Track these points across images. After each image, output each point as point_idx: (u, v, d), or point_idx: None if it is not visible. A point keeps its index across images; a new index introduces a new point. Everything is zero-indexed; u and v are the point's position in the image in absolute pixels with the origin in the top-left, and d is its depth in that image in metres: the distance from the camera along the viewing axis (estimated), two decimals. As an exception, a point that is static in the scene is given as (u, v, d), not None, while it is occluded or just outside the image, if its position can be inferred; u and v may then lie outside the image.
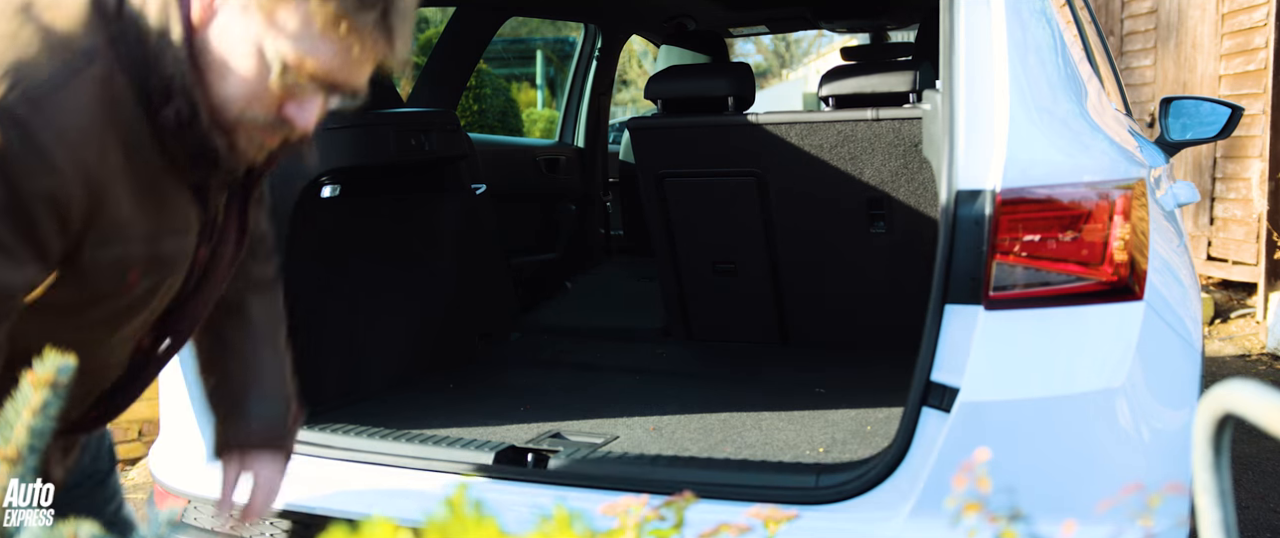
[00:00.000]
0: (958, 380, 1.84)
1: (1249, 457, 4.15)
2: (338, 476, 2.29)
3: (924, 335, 1.90)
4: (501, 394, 2.96)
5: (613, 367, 3.39)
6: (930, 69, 2.97)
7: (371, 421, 2.52)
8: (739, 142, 3.23)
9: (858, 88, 3.07)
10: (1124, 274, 1.87)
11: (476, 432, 2.54)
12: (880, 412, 2.67)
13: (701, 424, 2.63)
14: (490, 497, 1.95)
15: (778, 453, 2.31)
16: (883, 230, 3.18)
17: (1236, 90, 6.94)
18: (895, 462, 1.91)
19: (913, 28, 4.94)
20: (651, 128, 3.32)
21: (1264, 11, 6.64)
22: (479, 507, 0.78)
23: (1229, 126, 3.27)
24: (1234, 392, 0.76)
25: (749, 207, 3.30)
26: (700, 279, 3.52)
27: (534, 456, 2.25)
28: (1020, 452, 1.84)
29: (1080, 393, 1.85)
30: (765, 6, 4.70)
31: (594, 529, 0.82)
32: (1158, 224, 2.11)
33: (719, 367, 3.39)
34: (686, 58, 4.12)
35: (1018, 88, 1.92)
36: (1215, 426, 0.78)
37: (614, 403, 2.85)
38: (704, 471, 2.13)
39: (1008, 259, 1.85)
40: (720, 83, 3.24)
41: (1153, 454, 1.91)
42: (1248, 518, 3.57)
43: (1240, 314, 6.86)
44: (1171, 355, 1.99)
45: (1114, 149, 1.99)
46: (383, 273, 3.13)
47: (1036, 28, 2.04)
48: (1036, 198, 1.86)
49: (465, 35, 4.02)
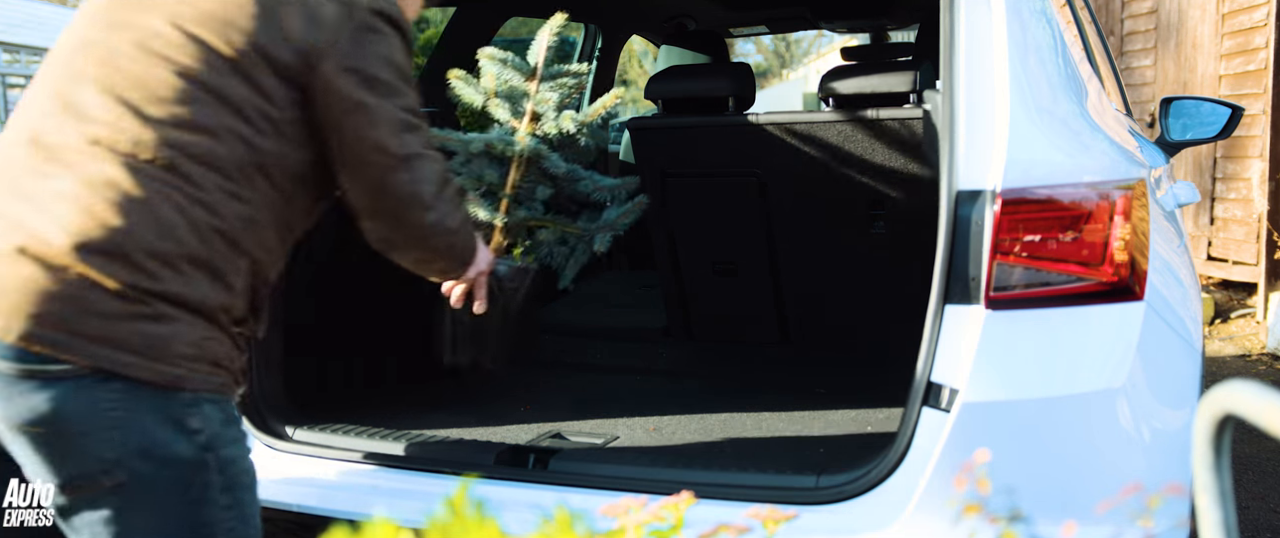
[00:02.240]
0: (958, 381, 1.84)
1: (1249, 457, 4.15)
2: (338, 476, 2.30)
3: (924, 336, 1.90)
4: (502, 395, 2.97)
5: (613, 367, 3.39)
6: (931, 69, 2.97)
7: (371, 421, 2.52)
8: (739, 142, 3.23)
9: (858, 88, 3.06)
10: (1124, 274, 1.87)
11: (477, 432, 2.54)
12: (880, 412, 2.67)
13: (701, 424, 2.63)
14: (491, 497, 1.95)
15: (778, 454, 2.31)
16: (883, 230, 3.18)
17: (1237, 90, 6.94)
18: (895, 463, 1.91)
19: (913, 28, 4.94)
20: (652, 128, 3.32)
21: (1264, 11, 6.64)
22: (480, 507, 0.78)
23: (1229, 127, 3.28)
24: (1234, 392, 0.76)
25: (749, 207, 3.30)
26: (700, 279, 3.52)
27: (534, 456, 2.25)
28: (1020, 452, 1.84)
29: (1080, 393, 1.85)
30: (765, 6, 4.70)
31: (594, 530, 0.82)
32: (1158, 224, 2.11)
33: (719, 367, 3.39)
34: (686, 58, 4.12)
35: (1018, 88, 1.92)
36: (1215, 426, 0.78)
37: (614, 403, 2.85)
38: (704, 471, 2.13)
39: (1008, 259, 1.85)
40: (721, 83, 3.24)
41: (1153, 455, 1.91)
42: (1248, 518, 3.57)
43: (1240, 314, 6.86)
44: (1172, 356, 1.99)
45: (1114, 149, 1.99)
46: (383, 273, 3.13)
47: (1037, 28, 2.04)
48: (1037, 198, 1.86)
49: (465, 35, 4.02)
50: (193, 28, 1.63)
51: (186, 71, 1.60)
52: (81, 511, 1.57)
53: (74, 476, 1.54)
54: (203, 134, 1.59)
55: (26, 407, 1.51)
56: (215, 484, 1.61)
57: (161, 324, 1.54)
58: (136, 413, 1.53)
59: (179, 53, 1.61)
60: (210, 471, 1.60)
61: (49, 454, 1.53)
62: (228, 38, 1.62)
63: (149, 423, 1.54)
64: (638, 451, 2.40)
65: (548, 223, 2.63)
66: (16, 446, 1.55)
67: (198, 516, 1.60)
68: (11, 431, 1.54)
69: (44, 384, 1.50)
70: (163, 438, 1.55)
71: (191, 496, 1.59)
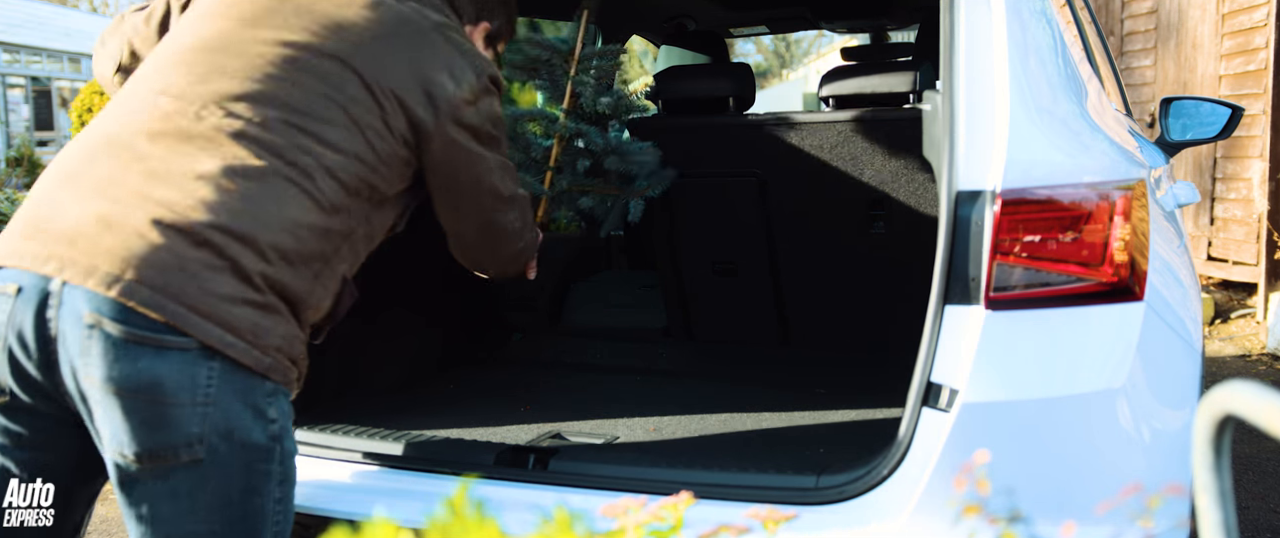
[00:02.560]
0: (958, 381, 1.84)
1: (1249, 457, 4.15)
2: (338, 476, 2.30)
3: (924, 336, 1.90)
4: (502, 395, 2.97)
5: (613, 367, 3.39)
6: (930, 69, 2.97)
7: (371, 421, 2.53)
8: (739, 142, 3.23)
9: (858, 88, 3.06)
10: (1124, 275, 1.87)
11: (477, 432, 2.55)
12: (880, 413, 2.67)
13: (701, 424, 2.63)
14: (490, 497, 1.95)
15: (778, 454, 2.31)
16: (883, 231, 3.18)
17: (1237, 90, 6.94)
18: (896, 463, 1.91)
19: (913, 28, 4.94)
20: (652, 128, 3.31)
21: (1264, 11, 6.64)
22: (479, 507, 0.78)
23: (1229, 127, 3.28)
24: (1234, 393, 0.76)
25: (749, 207, 3.30)
26: (701, 280, 3.52)
27: (534, 456, 2.25)
28: (1020, 453, 1.84)
29: (1080, 394, 1.85)
30: (765, 6, 4.69)
31: (594, 530, 0.82)
32: (1158, 225, 2.11)
33: (719, 367, 3.39)
34: (687, 58, 4.12)
35: (1018, 88, 1.92)
36: (1215, 426, 0.78)
37: (614, 404, 2.85)
38: (704, 471, 2.13)
39: (1008, 260, 1.85)
40: (721, 83, 3.24)
41: (1153, 455, 1.91)
42: (1248, 518, 3.57)
43: (1240, 314, 6.86)
44: (1172, 356, 1.99)
45: (1114, 150, 1.99)
46: (383, 273, 3.13)
47: (1037, 28, 2.04)
48: (1037, 198, 1.86)
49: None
50: (348, 57, 1.81)
51: (335, 98, 1.78)
52: (148, 481, 1.62)
53: (156, 446, 1.60)
54: (338, 153, 1.76)
55: (132, 371, 1.56)
56: (274, 475, 1.70)
57: (267, 314, 1.65)
58: (227, 394, 1.62)
59: (333, 79, 1.79)
60: (273, 460, 1.70)
61: (139, 421, 1.58)
62: (377, 79, 1.81)
63: (237, 406, 1.63)
64: (638, 451, 2.40)
65: (589, 188, 2.97)
66: (103, 407, 1.60)
67: (252, 504, 1.69)
68: (106, 392, 1.58)
69: (153, 352, 1.57)
70: (244, 422, 1.64)
71: (253, 482, 1.68)
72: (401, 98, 1.82)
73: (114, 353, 1.56)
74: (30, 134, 18.62)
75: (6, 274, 1.64)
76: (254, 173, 1.67)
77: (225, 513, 1.66)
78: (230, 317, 1.60)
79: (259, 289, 1.64)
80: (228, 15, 1.86)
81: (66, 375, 1.61)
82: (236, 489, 1.66)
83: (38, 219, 1.66)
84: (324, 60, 1.80)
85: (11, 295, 1.61)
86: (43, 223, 1.65)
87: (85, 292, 1.56)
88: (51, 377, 1.63)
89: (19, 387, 1.66)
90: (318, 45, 1.81)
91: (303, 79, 1.77)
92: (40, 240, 1.62)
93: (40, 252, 1.61)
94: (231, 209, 1.63)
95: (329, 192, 1.73)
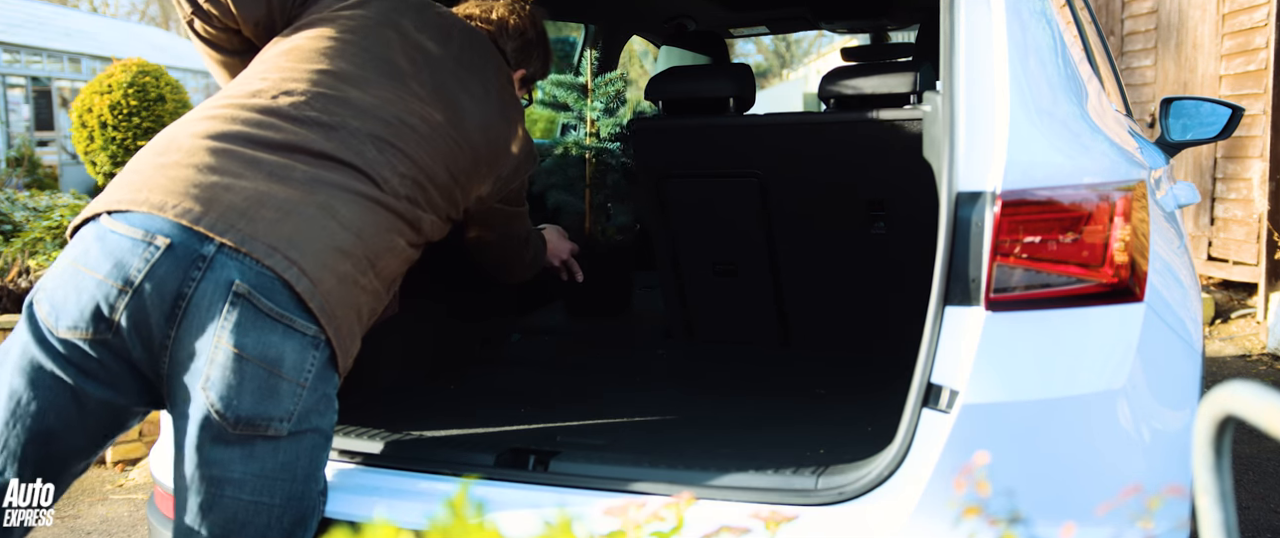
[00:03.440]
0: (958, 382, 1.84)
1: (1249, 457, 4.16)
2: (337, 476, 2.29)
3: (924, 337, 1.90)
4: (502, 396, 2.96)
5: (613, 368, 3.39)
6: (931, 70, 2.97)
7: (371, 421, 2.52)
8: (740, 143, 3.22)
9: (858, 88, 3.06)
10: (1124, 276, 1.87)
11: (477, 432, 2.54)
12: (880, 413, 2.67)
13: (701, 425, 2.63)
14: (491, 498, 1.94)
15: (778, 454, 2.31)
16: (882, 231, 3.18)
17: (1237, 90, 6.95)
18: (895, 464, 1.90)
19: (913, 28, 4.94)
20: (652, 128, 3.32)
21: (1264, 11, 6.64)
22: (480, 508, 0.78)
23: (1229, 127, 3.28)
24: (1234, 393, 0.76)
25: (750, 207, 3.30)
26: (701, 280, 3.52)
27: (535, 457, 2.25)
28: (1020, 454, 1.84)
29: (1081, 395, 1.85)
30: (765, 6, 4.69)
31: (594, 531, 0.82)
32: (1158, 225, 2.11)
33: (719, 368, 3.39)
34: (687, 58, 4.12)
35: (1018, 89, 1.92)
36: (1216, 427, 0.78)
37: (614, 404, 2.85)
38: (704, 471, 2.13)
39: (1008, 261, 1.85)
40: (721, 84, 3.24)
41: (1153, 456, 1.91)
42: (1248, 519, 3.57)
43: (1241, 314, 6.86)
44: (1172, 357, 1.99)
45: (1114, 150, 1.99)
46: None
47: (1037, 29, 2.04)
48: (1037, 200, 1.86)
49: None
50: (472, 125, 2.18)
51: (453, 156, 2.13)
52: (233, 445, 1.77)
53: (257, 414, 1.77)
54: (430, 193, 2.08)
55: (266, 344, 1.76)
56: (322, 462, 1.90)
57: (357, 322, 1.91)
58: (319, 380, 1.83)
59: (459, 143, 2.14)
60: (324, 450, 1.90)
61: (250, 389, 1.75)
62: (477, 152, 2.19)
63: (322, 392, 1.85)
64: (638, 452, 2.39)
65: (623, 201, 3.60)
66: (219, 367, 1.74)
67: (309, 487, 1.87)
68: (232, 356, 1.74)
69: (286, 332, 1.77)
70: (323, 407, 1.86)
71: (310, 468, 1.86)
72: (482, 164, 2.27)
73: (255, 324, 1.74)
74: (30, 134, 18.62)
75: (156, 223, 1.76)
76: (389, 205, 1.97)
77: (288, 489, 1.82)
78: (343, 314, 1.85)
79: (361, 295, 1.89)
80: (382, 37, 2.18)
81: (186, 332, 1.74)
82: (300, 469, 1.83)
83: (210, 186, 1.81)
84: (464, 135, 2.20)
85: (160, 247, 1.75)
86: (218, 191, 1.80)
87: (248, 263, 1.75)
88: (166, 329, 1.75)
89: (129, 327, 1.76)
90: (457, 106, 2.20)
91: (442, 140, 2.13)
92: (213, 208, 1.78)
93: (210, 216, 1.77)
94: (369, 232, 1.91)
95: (413, 223, 2.04)
